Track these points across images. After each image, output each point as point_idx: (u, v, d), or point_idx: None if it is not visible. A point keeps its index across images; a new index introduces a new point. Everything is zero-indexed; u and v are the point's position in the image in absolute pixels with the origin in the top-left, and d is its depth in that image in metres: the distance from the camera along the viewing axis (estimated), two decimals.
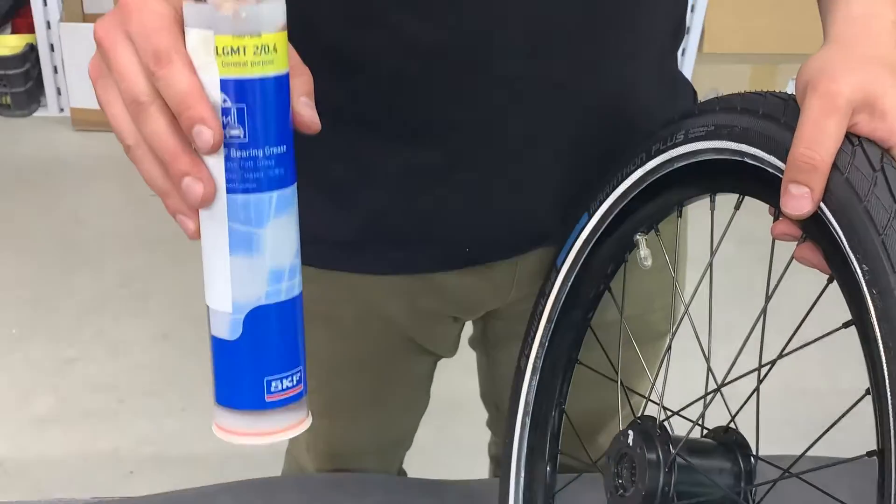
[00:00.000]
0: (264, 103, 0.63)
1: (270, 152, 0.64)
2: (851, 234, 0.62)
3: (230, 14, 0.60)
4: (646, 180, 0.86)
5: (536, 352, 1.00)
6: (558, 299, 0.98)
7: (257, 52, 0.61)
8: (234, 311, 0.66)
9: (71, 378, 2.38)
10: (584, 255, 0.95)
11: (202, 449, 2.20)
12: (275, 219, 0.65)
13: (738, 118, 0.74)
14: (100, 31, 0.65)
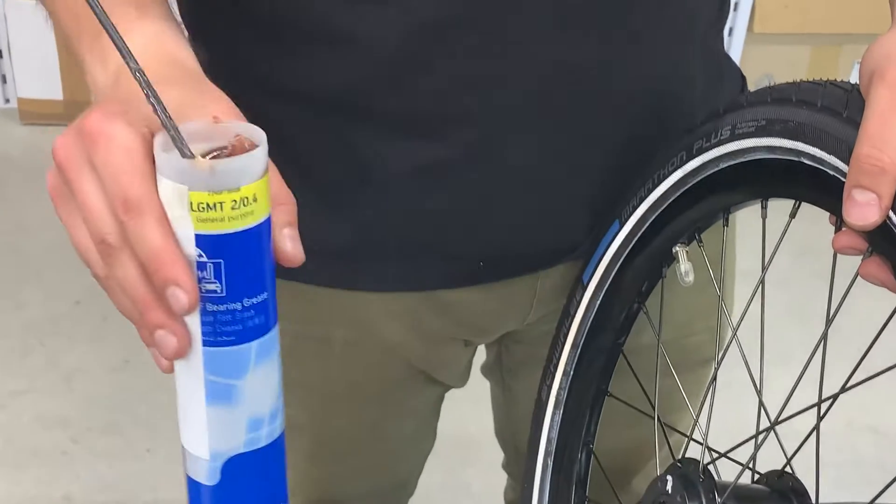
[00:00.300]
0: (243, 256, 0.64)
1: (250, 303, 0.65)
2: None
3: (206, 170, 0.61)
4: (686, 183, 0.86)
5: (560, 382, 1.00)
6: (585, 321, 0.98)
7: (235, 207, 0.62)
8: (211, 459, 0.68)
9: (16, 413, 2.37)
10: (615, 270, 0.95)
11: (169, 496, 2.20)
12: (254, 368, 0.67)
13: (793, 111, 0.74)
14: (60, 151, 0.66)
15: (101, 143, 0.64)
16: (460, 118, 0.92)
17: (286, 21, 0.90)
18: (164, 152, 0.62)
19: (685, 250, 0.91)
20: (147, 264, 0.62)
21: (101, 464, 2.29)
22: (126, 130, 0.64)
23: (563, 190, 0.98)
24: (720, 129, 0.82)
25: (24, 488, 2.24)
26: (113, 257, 0.64)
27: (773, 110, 0.76)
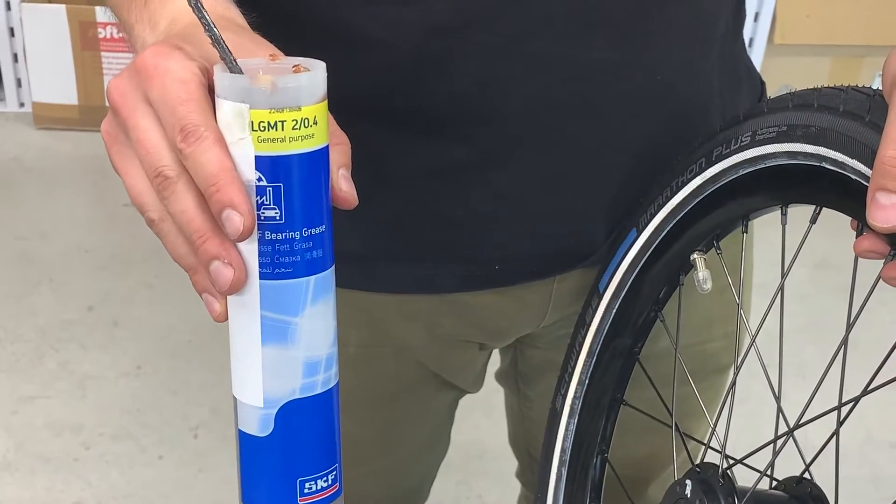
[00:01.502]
0: (303, 181, 0.64)
1: (308, 233, 0.65)
2: None
3: (267, 87, 0.61)
4: (705, 190, 0.86)
5: (575, 390, 1.00)
6: (601, 329, 0.98)
7: (296, 127, 0.63)
8: (265, 406, 0.67)
9: (28, 418, 2.38)
10: (633, 277, 0.95)
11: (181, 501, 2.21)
12: (311, 306, 0.67)
13: (814, 116, 0.74)
14: (115, 93, 0.66)
15: (156, 78, 0.64)
16: (477, 119, 0.93)
17: (310, 22, 0.91)
18: (224, 81, 0.62)
19: (703, 258, 0.91)
20: (204, 189, 0.62)
21: (112, 470, 2.30)
22: (182, 62, 0.64)
23: (580, 194, 0.98)
24: (740, 135, 0.82)
25: (35, 493, 2.24)
26: (169, 190, 0.64)
27: (794, 116, 0.76)
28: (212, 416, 2.38)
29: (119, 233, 2.51)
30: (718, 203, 0.87)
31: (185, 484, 2.24)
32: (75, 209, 2.93)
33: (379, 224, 0.99)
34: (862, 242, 0.71)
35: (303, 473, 0.70)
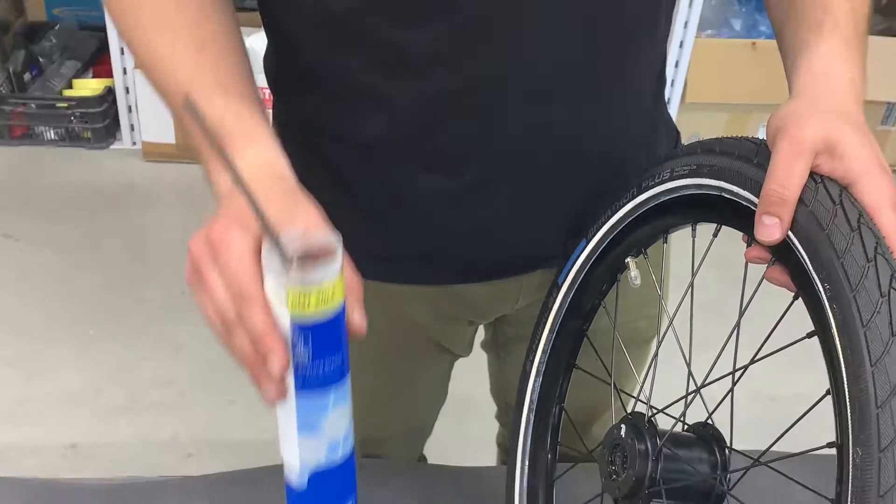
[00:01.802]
0: (325, 331, 0.66)
1: (329, 362, 0.68)
2: (815, 257, 0.63)
3: (299, 273, 0.63)
4: (636, 211, 0.87)
5: (540, 357, 1.00)
6: (559, 312, 0.98)
7: (320, 298, 0.64)
8: (300, 471, 0.72)
9: (138, 374, 2.38)
10: (582, 275, 0.95)
11: (249, 436, 2.20)
12: (333, 409, 0.69)
13: (716, 159, 0.74)
14: (194, 252, 0.69)
15: (222, 250, 0.67)
16: (467, 159, 0.92)
17: (342, 88, 0.91)
18: (269, 257, 0.65)
19: (634, 261, 0.91)
20: (252, 339, 0.65)
21: (199, 412, 2.30)
22: (241, 239, 0.67)
23: (543, 214, 0.98)
24: (662, 172, 0.82)
25: (142, 429, 2.25)
26: (230, 330, 0.67)
27: (701, 158, 0.77)
28: None
29: None
30: (645, 221, 0.87)
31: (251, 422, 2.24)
32: (172, 220, 2.92)
33: (397, 234, 0.98)
34: (751, 251, 0.71)
35: None
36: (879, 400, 0.57)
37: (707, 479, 0.77)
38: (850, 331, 0.59)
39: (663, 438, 0.78)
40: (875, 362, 0.57)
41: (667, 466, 0.77)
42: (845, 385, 0.59)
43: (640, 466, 0.77)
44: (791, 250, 0.66)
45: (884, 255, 0.61)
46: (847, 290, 0.60)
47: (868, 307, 0.59)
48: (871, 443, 0.56)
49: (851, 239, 0.62)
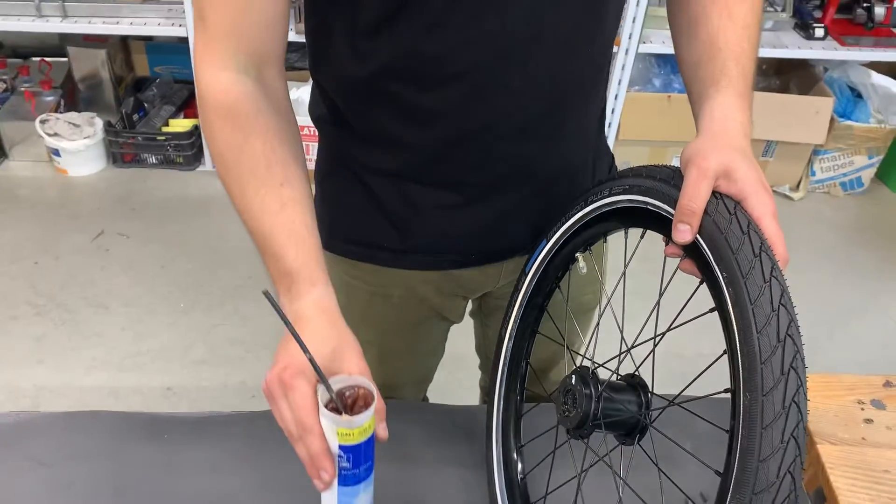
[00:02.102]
0: (361, 450, 0.70)
1: (363, 468, 0.71)
2: (716, 253, 0.63)
3: (346, 420, 0.67)
4: (584, 219, 0.87)
5: (512, 325, 1.00)
6: (526, 293, 0.98)
7: (360, 432, 0.69)
8: None
9: (217, 336, 2.37)
10: (544, 265, 0.95)
11: None
12: (363, 493, 0.73)
13: (644, 181, 0.74)
14: (268, 386, 0.71)
15: (291, 390, 0.68)
16: (466, 182, 0.93)
17: (371, 133, 0.90)
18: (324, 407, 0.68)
19: (582, 255, 0.91)
20: (309, 459, 0.69)
21: (261, 364, 2.28)
22: (305, 386, 0.68)
23: (518, 219, 0.98)
24: (603, 190, 0.82)
25: (218, 377, 2.24)
26: (295, 444, 0.70)
27: (633, 180, 0.77)
28: None
29: None
30: (591, 226, 0.87)
31: None
32: (241, 224, 2.90)
33: (412, 234, 0.98)
34: (668, 249, 0.71)
35: None
36: (763, 357, 0.57)
37: (635, 415, 0.77)
38: (741, 307, 0.59)
39: (603, 385, 0.78)
40: (760, 329, 0.58)
41: (605, 406, 0.77)
42: (738, 346, 0.59)
43: (586, 406, 0.77)
44: (698, 248, 0.66)
45: (767, 252, 0.61)
46: (740, 277, 0.60)
47: (755, 290, 0.59)
48: (756, 389, 0.57)
49: (742, 240, 0.62)
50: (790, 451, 0.56)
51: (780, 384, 0.56)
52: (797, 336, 0.58)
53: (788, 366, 0.57)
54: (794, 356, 0.57)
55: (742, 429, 0.57)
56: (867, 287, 2.82)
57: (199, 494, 0.96)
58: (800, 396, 0.57)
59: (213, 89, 0.77)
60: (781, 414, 0.56)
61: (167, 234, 2.78)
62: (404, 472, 1.00)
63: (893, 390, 0.83)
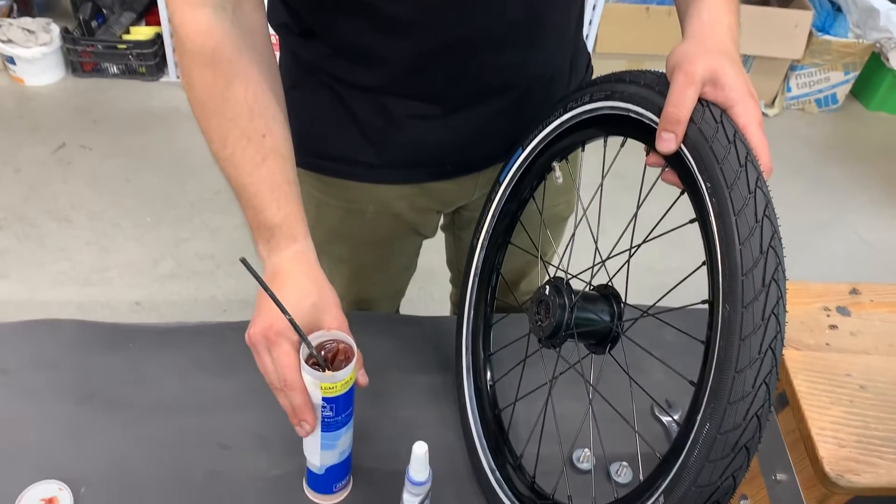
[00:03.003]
0: (342, 400, 0.74)
1: (344, 415, 0.76)
2: (700, 162, 0.62)
3: (328, 376, 0.71)
4: (561, 126, 0.84)
5: (484, 235, 0.99)
6: (500, 202, 0.96)
7: (342, 385, 0.72)
8: (320, 466, 0.82)
9: (185, 251, 2.34)
10: (519, 174, 0.93)
11: None
12: (343, 437, 0.78)
13: (626, 87, 0.72)
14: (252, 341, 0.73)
15: (274, 347, 0.71)
16: (444, 94, 0.91)
17: (345, 45, 0.87)
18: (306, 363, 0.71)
19: (558, 164, 0.89)
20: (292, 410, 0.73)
21: (231, 279, 2.27)
22: (287, 344, 0.71)
23: (495, 129, 0.96)
24: (583, 96, 0.79)
25: (189, 291, 2.22)
26: (277, 394, 0.73)
27: (615, 86, 0.74)
28: None
29: None
30: (568, 134, 0.85)
31: None
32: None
33: (387, 147, 0.96)
34: (650, 159, 0.69)
35: (336, 482, 0.85)
36: (745, 269, 0.56)
37: (607, 325, 0.77)
38: (725, 218, 0.58)
39: (577, 296, 0.77)
40: (743, 241, 0.57)
41: (578, 316, 0.77)
42: (719, 258, 0.58)
43: (559, 316, 0.77)
44: (682, 158, 0.64)
45: (752, 162, 0.60)
46: (724, 188, 0.59)
47: (739, 200, 0.58)
48: (736, 301, 0.56)
49: (728, 150, 0.60)
50: (767, 362, 0.55)
51: (761, 296, 0.56)
52: (779, 248, 0.57)
53: (770, 278, 0.56)
54: (776, 268, 0.56)
55: (720, 340, 0.57)
56: (836, 203, 2.86)
57: (166, 404, 0.95)
58: (779, 308, 0.56)
59: (190, 31, 0.72)
60: (761, 326, 0.55)
61: (131, 147, 2.70)
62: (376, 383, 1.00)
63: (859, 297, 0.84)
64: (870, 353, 0.77)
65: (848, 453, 0.68)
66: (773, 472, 0.77)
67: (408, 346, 1.07)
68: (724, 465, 0.56)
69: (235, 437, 0.92)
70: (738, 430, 0.56)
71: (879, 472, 0.66)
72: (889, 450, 0.68)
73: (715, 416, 0.56)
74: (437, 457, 0.90)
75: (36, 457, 0.87)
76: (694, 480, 0.57)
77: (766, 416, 0.56)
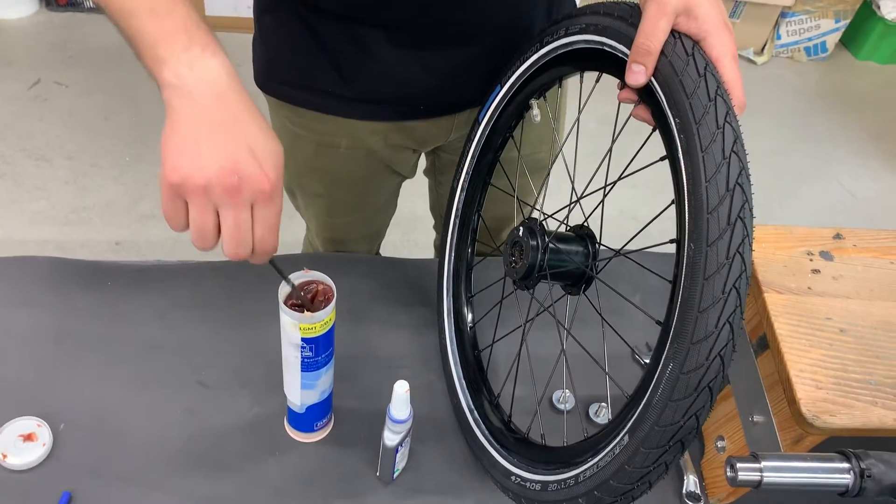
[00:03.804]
0: (321, 341, 0.74)
1: (324, 355, 0.76)
2: (670, 97, 0.61)
3: (308, 316, 0.70)
4: (538, 62, 0.83)
5: (464, 178, 0.98)
6: (479, 143, 0.96)
7: (322, 326, 0.72)
8: (301, 405, 0.83)
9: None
10: (497, 113, 0.92)
11: None
12: (323, 376, 0.79)
13: (601, 19, 0.71)
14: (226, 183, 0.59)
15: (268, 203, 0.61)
16: (415, 23, 0.88)
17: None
18: (286, 305, 0.71)
19: (536, 102, 0.88)
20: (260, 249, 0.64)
21: None
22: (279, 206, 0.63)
23: (468, 66, 0.95)
24: (558, 30, 0.78)
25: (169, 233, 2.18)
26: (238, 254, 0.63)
27: (590, 18, 0.73)
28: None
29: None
30: (545, 70, 0.84)
31: None
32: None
33: (360, 81, 0.95)
34: (622, 94, 0.69)
35: (317, 420, 0.86)
36: (710, 207, 0.56)
37: (581, 266, 0.77)
38: (692, 154, 0.58)
39: (551, 236, 0.77)
40: (709, 178, 0.57)
41: (552, 257, 0.77)
42: (685, 196, 0.58)
43: (532, 257, 0.77)
44: (652, 92, 0.64)
45: (722, 96, 0.59)
46: (692, 123, 0.58)
47: (707, 136, 0.58)
48: (701, 239, 0.56)
49: (698, 83, 0.60)
50: (731, 301, 0.55)
51: (726, 234, 0.55)
52: (747, 185, 0.57)
53: (736, 216, 0.56)
54: (742, 206, 0.56)
55: (684, 279, 0.57)
56: (821, 153, 2.87)
57: (145, 342, 0.96)
58: (744, 247, 0.56)
59: None
60: (725, 265, 0.55)
61: (108, 85, 2.65)
62: (356, 324, 1.01)
63: (842, 242, 0.85)
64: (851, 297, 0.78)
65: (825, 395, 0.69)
66: (750, 413, 0.79)
67: (390, 287, 1.07)
68: (687, 404, 0.56)
69: (215, 377, 0.93)
70: (701, 369, 0.56)
71: (854, 413, 0.67)
72: (865, 392, 0.69)
73: (678, 356, 0.56)
74: (418, 396, 0.92)
75: (13, 394, 0.88)
76: (657, 420, 0.58)
77: (730, 356, 0.56)
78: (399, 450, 0.81)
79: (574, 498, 0.65)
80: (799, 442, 0.73)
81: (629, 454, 0.60)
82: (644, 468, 0.59)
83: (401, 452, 0.82)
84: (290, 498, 0.83)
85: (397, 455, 0.82)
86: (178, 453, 0.85)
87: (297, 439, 0.88)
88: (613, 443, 0.62)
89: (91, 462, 0.83)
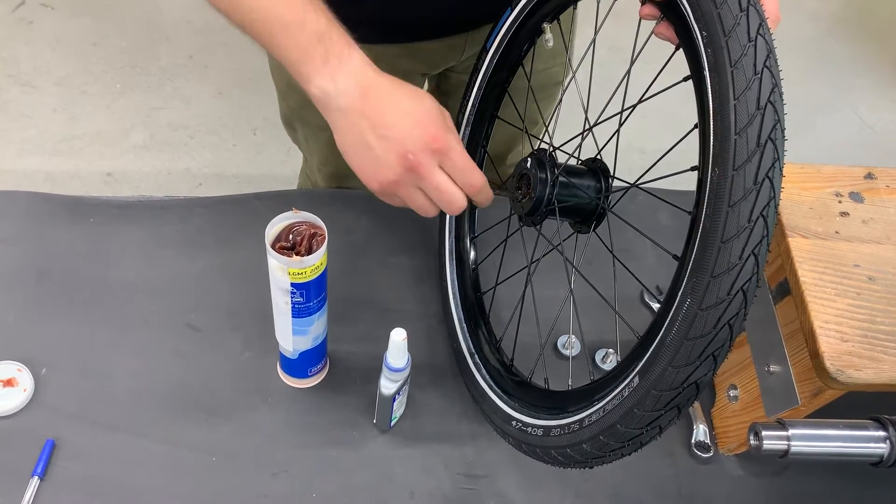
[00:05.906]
0: (313, 286, 0.71)
1: (316, 301, 0.73)
2: (697, 9, 0.55)
3: (297, 260, 0.67)
4: None
5: (470, 109, 0.93)
6: (486, 72, 0.90)
7: (312, 271, 0.69)
8: (293, 351, 0.80)
9: (157, 120, 2.25)
10: (507, 38, 0.86)
11: (246, 171, 2.13)
12: (315, 322, 0.76)
13: None
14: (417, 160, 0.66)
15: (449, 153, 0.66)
16: None
17: None
18: (271, 248, 0.68)
19: (548, 26, 0.82)
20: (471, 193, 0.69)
21: (206, 151, 2.20)
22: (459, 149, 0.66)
23: None
24: None
25: (163, 163, 2.15)
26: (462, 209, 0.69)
27: None
28: (265, 122, 2.26)
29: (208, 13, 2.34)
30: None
31: (249, 159, 2.17)
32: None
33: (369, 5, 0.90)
34: (643, 10, 0.63)
35: (310, 367, 0.84)
36: (738, 128, 0.51)
37: (592, 201, 0.72)
38: (720, 70, 0.52)
39: (560, 168, 0.72)
40: (738, 96, 0.51)
41: (561, 191, 0.72)
42: (711, 116, 0.53)
43: (540, 191, 0.72)
44: (676, 6, 0.58)
45: (755, 6, 0.53)
46: (721, 36, 0.52)
47: (737, 50, 0.52)
48: (727, 163, 0.51)
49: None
50: (757, 230, 0.50)
51: (755, 157, 0.50)
52: (780, 104, 0.51)
53: (767, 137, 0.50)
54: (774, 126, 0.50)
55: (706, 208, 0.52)
56: (839, 82, 2.77)
57: (130, 283, 0.91)
58: (774, 172, 0.50)
59: None
60: (752, 190, 0.50)
61: (97, 7, 2.55)
62: (353, 264, 0.97)
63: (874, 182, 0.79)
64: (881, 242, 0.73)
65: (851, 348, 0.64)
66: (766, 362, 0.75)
67: (391, 226, 1.03)
68: (705, 343, 0.52)
69: (205, 319, 0.89)
70: (722, 305, 0.51)
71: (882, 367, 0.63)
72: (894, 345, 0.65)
73: (696, 291, 0.52)
74: (417, 341, 0.88)
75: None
76: (671, 360, 0.53)
77: (754, 291, 0.52)
78: (396, 398, 0.78)
79: (578, 443, 0.61)
80: (818, 395, 0.69)
81: (639, 396, 0.55)
82: (655, 412, 0.55)
83: (398, 401, 0.79)
84: (283, 445, 0.80)
85: (394, 403, 0.78)
86: (167, 398, 0.82)
87: (290, 385, 0.85)
88: (622, 385, 0.58)
89: (75, 408, 0.80)
